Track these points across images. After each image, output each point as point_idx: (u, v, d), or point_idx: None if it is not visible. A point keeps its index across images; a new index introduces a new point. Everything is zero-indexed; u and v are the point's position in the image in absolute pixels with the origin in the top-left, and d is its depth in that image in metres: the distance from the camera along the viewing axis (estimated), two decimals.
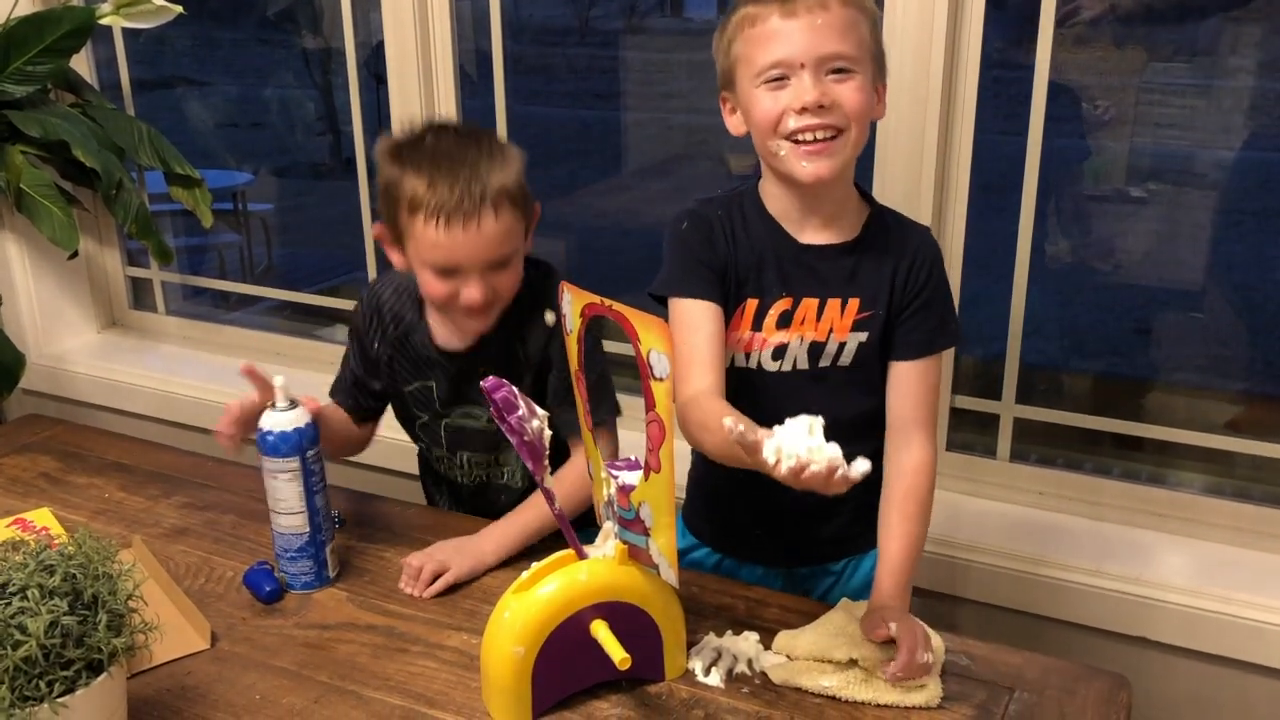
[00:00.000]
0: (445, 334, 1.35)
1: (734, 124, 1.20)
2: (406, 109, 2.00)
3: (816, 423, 0.88)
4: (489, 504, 1.43)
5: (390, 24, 1.97)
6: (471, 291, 1.22)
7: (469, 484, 1.43)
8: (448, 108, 1.99)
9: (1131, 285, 2.13)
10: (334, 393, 1.46)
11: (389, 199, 1.25)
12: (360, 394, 1.44)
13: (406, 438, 1.48)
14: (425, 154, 1.23)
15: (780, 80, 1.11)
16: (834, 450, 0.86)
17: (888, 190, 1.65)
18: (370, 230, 2.19)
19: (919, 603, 1.38)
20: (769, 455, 0.87)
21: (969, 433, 1.80)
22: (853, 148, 1.14)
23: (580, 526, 1.06)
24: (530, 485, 1.36)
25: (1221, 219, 2.00)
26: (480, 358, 1.33)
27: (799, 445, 0.87)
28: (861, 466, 0.87)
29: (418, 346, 1.37)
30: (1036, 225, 1.68)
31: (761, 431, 0.90)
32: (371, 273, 2.23)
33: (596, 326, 1.07)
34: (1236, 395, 1.93)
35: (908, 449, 1.21)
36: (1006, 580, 1.61)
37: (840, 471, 0.86)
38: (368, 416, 1.46)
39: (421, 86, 1.97)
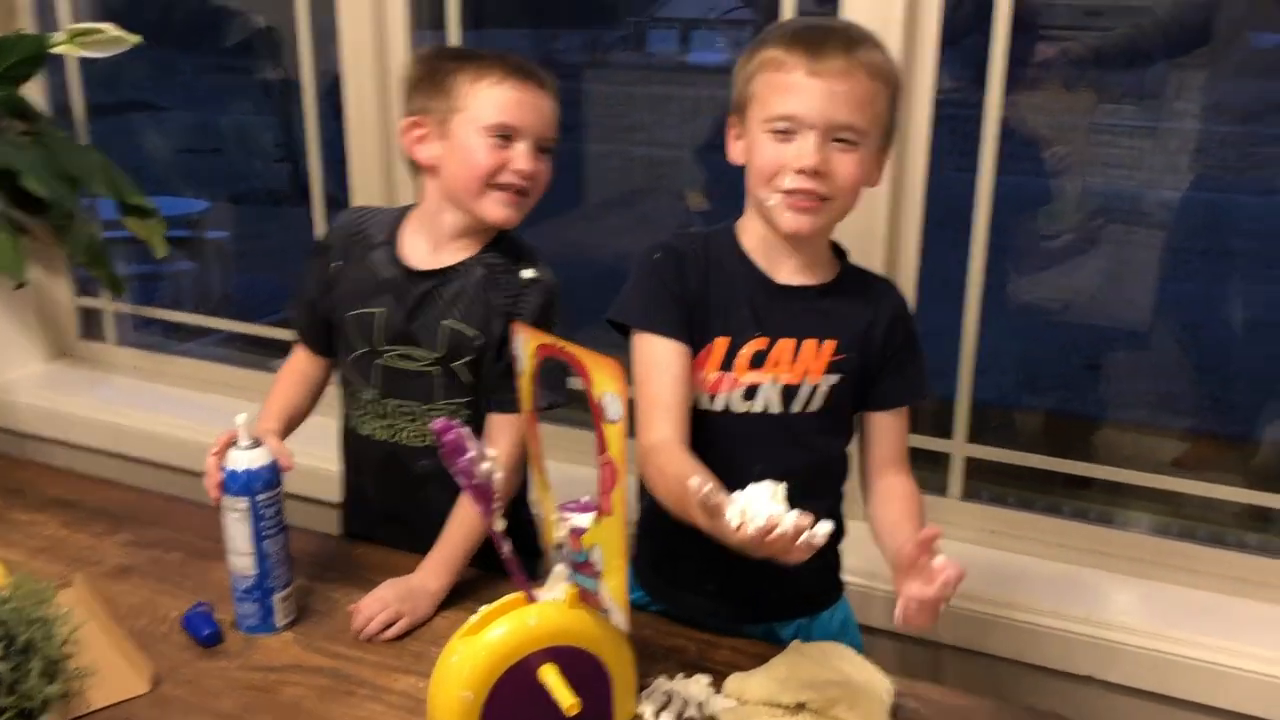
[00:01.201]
0: (420, 251, 1.35)
1: (735, 151, 1.20)
2: (363, 141, 1.99)
3: (780, 488, 0.88)
4: (403, 471, 1.38)
5: (348, 58, 1.97)
6: (525, 161, 1.28)
7: (385, 441, 1.38)
8: None
9: (1081, 323, 2.16)
10: (290, 310, 1.46)
11: (441, 83, 1.30)
12: (310, 314, 1.42)
13: (321, 463, 1.46)
14: (475, 50, 1.34)
15: (786, 133, 1.12)
16: (798, 514, 0.86)
17: (840, 227, 1.67)
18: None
19: (869, 640, 1.38)
20: (733, 518, 0.87)
21: (920, 470, 1.80)
22: (837, 214, 1.16)
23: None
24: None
25: (1170, 258, 2.04)
26: (447, 285, 1.33)
27: (762, 510, 0.87)
28: (825, 527, 0.87)
29: (376, 265, 1.35)
30: (990, 264, 1.70)
31: (723, 495, 0.89)
32: None
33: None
34: (1183, 433, 1.96)
35: (891, 478, 1.23)
36: (958, 620, 1.62)
37: (805, 536, 0.86)
38: (318, 345, 1.44)
39: (379, 119, 1.97)
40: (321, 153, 2.14)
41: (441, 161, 1.31)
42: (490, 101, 1.27)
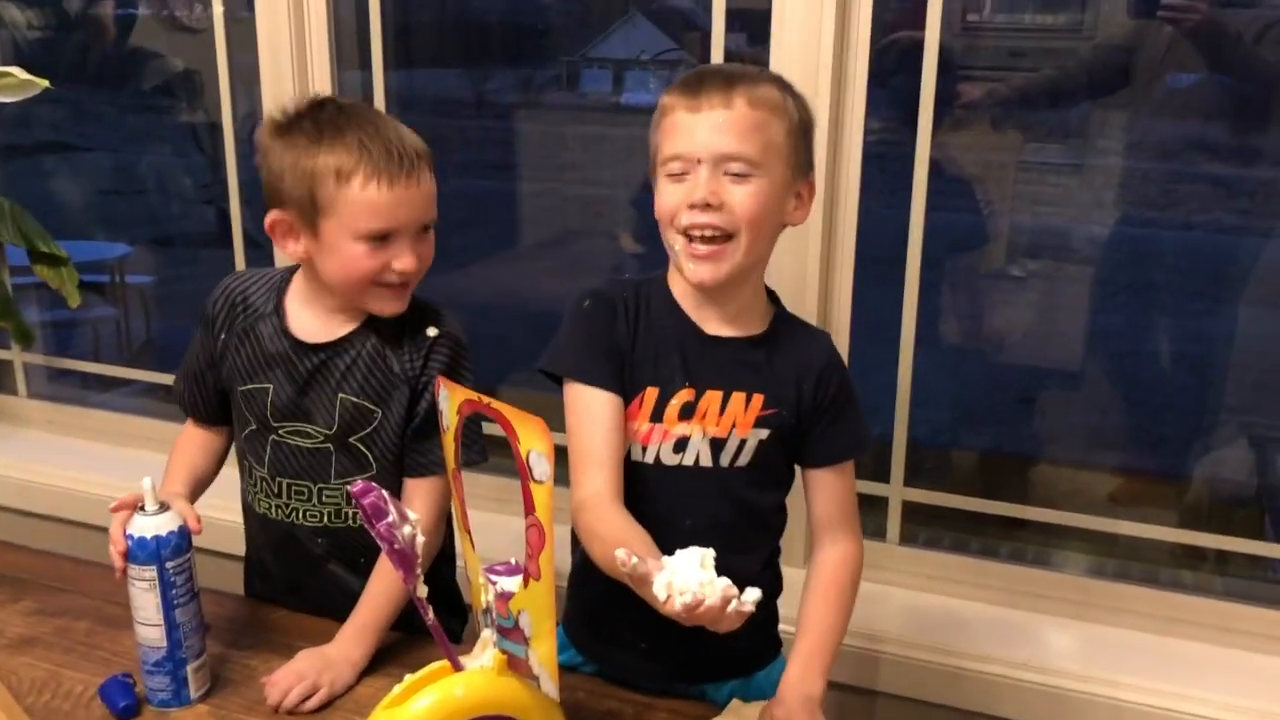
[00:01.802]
0: (308, 324, 1.28)
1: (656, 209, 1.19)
2: None
3: (708, 555, 0.86)
4: (302, 551, 1.33)
5: (270, 100, 1.93)
6: (407, 259, 1.19)
7: (281, 521, 1.32)
8: None
9: (1012, 358, 2.18)
10: (176, 382, 1.39)
11: (300, 178, 1.17)
12: (199, 387, 1.36)
13: (227, 516, 1.41)
14: (334, 125, 1.18)
15: (680, 175, 1.11)
16: (726, 584, 0.85)
17: (773, 267, 1.66)
18: None
19: None
20: (659, 591, 0.85)
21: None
22: (744, 254, 1.12)
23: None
24: (343, 525, 1.30)
25: (1098, 292, 2.06)
26: (339, 357, 1.27)
27: (691, 579, 0.85)
28: (753, 595, 0.85)
29: (263, 338, 1.28)
30: (921, 301, 1.70)
31: (651, 563, 0.87)
32: None
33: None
34: (1116, 470, 1.98)
35: (833, 544, 1.21)
36: (897, 668, 1.60)
37: (734, 605, 0.84)
38: (208, 418, 1.38)
39: None
40: (245, 195, 2.09)
41: (315, 257, 1.22)
42: (361, 208, 1.16)
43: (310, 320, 1.28)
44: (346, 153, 1.16)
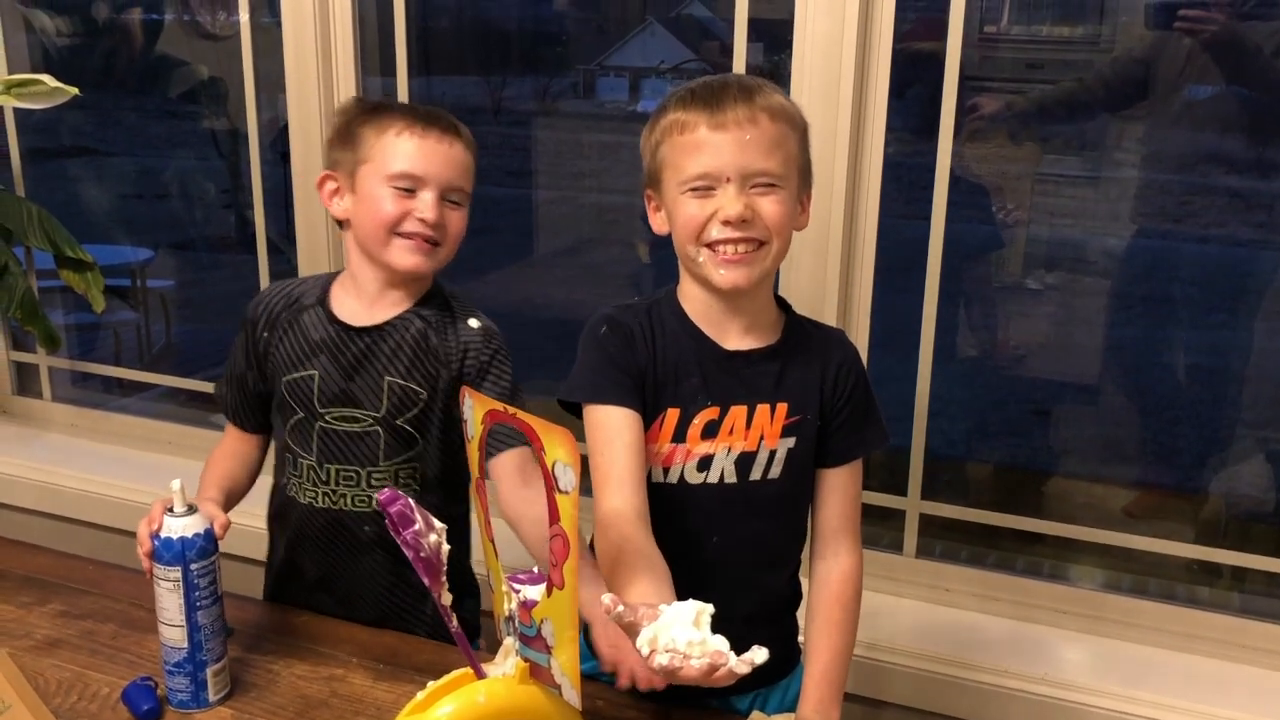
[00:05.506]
0: (353, 309, 1.34)
1: (657, 222, 1.18)
2: (310, 189, 1.96)
3: (705, 611, 0.84)
4: (347, 539, 1.35)
5: (295, 106, 1.95)
6: (427, 209, 1.27)
7: (328, 509, 1.35)
8: None
9: (1029, 370, 2.18)
10: (218, 387, 1.45)
11: (350, 136, 1.31)
12: (240, 391, 1.41)
13: (251, 522, 1.42)
14: (389, 104, 1.36)
15: (706, 190, 1.11)
16: (719, 644, 0.82)
17: (794, 278, 1.67)
18: None
19: None
20: (641, 645, 0.83)
21: (875, 527, 1.80)
22: (773, 259, 1.13)
23: None
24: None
25: (1114, 304, 2.06)
26: (385, 339, 1.32)
27: (679, 637, 0.82)
28: (760, 656, 0.83)
29: (308, 328, 1.34)
30: (941, 314, 1.71)
31: (643, 611, 0.85)
32: None
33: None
34: (1133, 484, 1.98)
35: (835, 557, 1.20)
36: (913, 681, 1.60)
37: (725, 667, 0.81)
38: (248, 422, 1.42)
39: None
40: (267, 200, 2.11)
41: (353, 214, 1.32)
42: (393, 151, 1.28)
43: (355, 306, 1.34)
44: (398, 113, 1.31)
